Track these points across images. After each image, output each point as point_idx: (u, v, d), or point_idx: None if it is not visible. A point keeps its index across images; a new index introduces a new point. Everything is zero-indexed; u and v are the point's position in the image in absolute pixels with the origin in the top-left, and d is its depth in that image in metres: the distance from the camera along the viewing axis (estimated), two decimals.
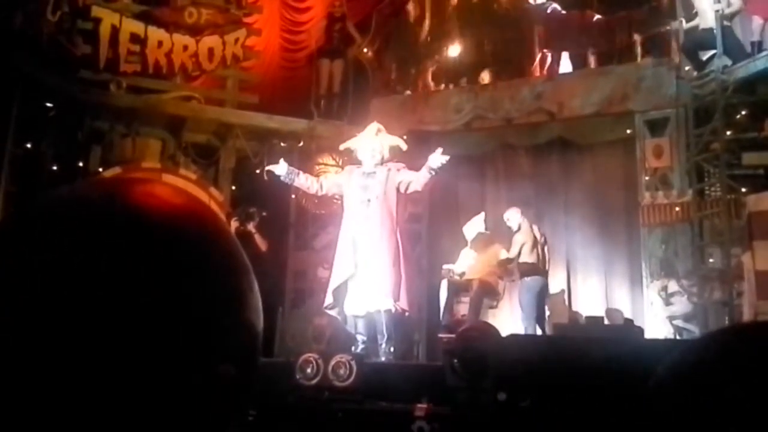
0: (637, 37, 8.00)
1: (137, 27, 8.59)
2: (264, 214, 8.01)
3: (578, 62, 8.46)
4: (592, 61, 8.33)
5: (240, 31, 9.07)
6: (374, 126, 6.57)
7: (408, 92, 9.26)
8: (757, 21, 7.17)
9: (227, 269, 0.60)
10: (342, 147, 6.57)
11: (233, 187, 8.65)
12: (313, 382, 5.25)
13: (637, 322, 6.17)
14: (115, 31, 8.40)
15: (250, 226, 7.73)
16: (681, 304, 6.66)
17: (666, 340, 5.85)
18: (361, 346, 5.98)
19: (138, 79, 8.58)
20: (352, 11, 9.47)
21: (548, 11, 8.54)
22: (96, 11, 8.36)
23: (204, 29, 8.92)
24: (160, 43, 8.67)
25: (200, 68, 8.92)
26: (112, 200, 0.58)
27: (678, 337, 6.22)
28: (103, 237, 0.55)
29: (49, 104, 7.58)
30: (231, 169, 8.67)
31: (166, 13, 8.81)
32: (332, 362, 5.36)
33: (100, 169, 7.93)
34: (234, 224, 7.77)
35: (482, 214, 7.43)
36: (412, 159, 9.00)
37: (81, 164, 7.97)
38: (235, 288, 0.60)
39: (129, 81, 8.50)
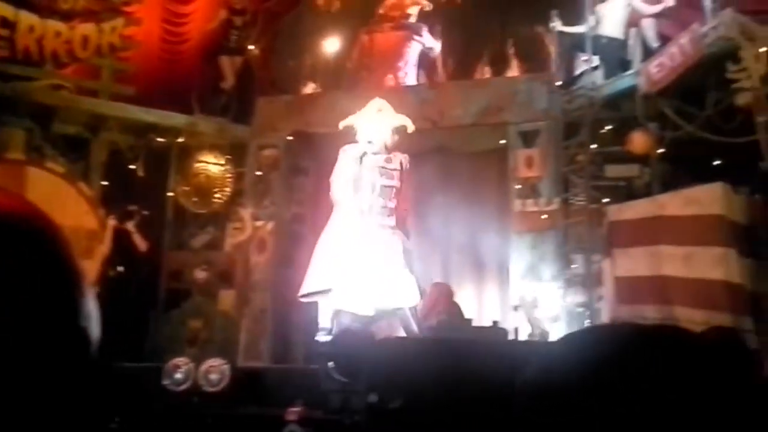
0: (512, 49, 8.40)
1: (7, 11, 8.07)
2: (145, 213, 7.76)
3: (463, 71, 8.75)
4: (485, 71, 8.64)
5: (118, 20, 8.69)
6: (375, 104, 6.11)
7: (293, 94, 9.19)
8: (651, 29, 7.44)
9: (56, 276, 0.60)
10: (342, 125, 6.03)
11: (105, 183, 8.25)
12: (182, 387, 5.12)
13: (505, 324, 6.43)
14: None
15: (130, 226, 7.48)
16: (546, 307, 7.01)
17: (528, 342, 6.14)
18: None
19: (5, 65, 8.03)
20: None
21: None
22: None
23: (79, 16, 8.49)
24: (31, 29, 8.18)
25: (73, 56, 8.48)
26: None
27: (543, 339, 6.54)
28: None
29: None
30: (102, 163, 8.26)
31: None
32: (204, 367, 5.25)
33: None
34: (111, 223, 7.49)
35: None
36: (297, 160, 8.99)
37: None
38: (65, 295, 0.60)
39: None
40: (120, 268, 7.36)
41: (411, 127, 5.97)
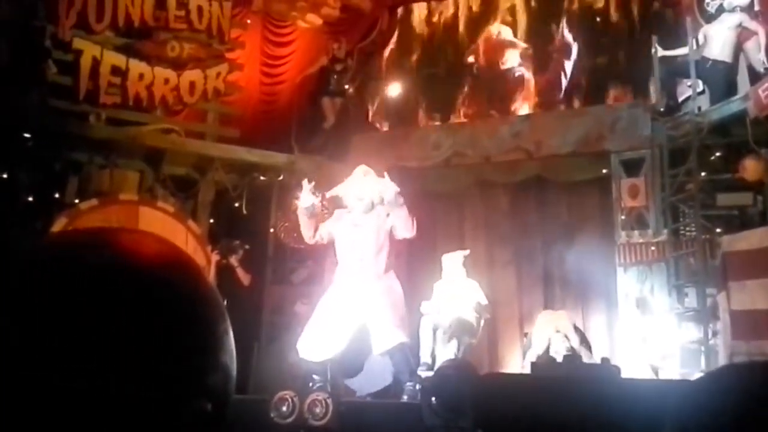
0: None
1: (118, 59, 8.60)
2: (247, 247, 7.99)
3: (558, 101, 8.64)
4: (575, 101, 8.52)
5: (222, 66, 9.12)
6: (361, 169, 6.47)
7: (387, 129, 9.34)
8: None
9: (207, 316, 0.66)
10: (329, 195, 6.48)
11: (211, 220, 8.61)
12: (288, 420, 5.17)
13: (613, 361, 6.17)
14: (96, 63, 8.40)
15: (233, 260, 7.71)
16: (656, 343, 6.69)
17: (643, 380, 5.86)
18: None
19: (118, 111, 8.56)
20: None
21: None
22: (77, 43, 8.36)
23: (186, 63, 8.96)
24: (141, 76, 8.67)
25: (181, 102, 8.94)
26: (103, 251, 0.64)
27: (654, 377, 6.23)
28: (94, 286, 0.60)
29: (26, 134, 7.52)
30: (210, 202, 8.64)
31: (149, 47, 8.83)
32: (308, 400, 5.29)
33: (77, 201, 7.85)
34: (215, 258, 7.74)
35: (467, 252, 7.40)
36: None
37: (57, 195, 7.89)
38: (213, 333, 0.66)
39: (108, 113, 8.48)
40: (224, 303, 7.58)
41: (390, 195, 6.09)
